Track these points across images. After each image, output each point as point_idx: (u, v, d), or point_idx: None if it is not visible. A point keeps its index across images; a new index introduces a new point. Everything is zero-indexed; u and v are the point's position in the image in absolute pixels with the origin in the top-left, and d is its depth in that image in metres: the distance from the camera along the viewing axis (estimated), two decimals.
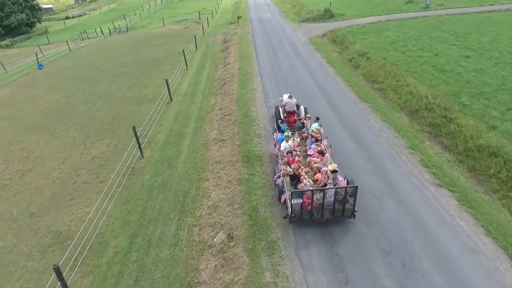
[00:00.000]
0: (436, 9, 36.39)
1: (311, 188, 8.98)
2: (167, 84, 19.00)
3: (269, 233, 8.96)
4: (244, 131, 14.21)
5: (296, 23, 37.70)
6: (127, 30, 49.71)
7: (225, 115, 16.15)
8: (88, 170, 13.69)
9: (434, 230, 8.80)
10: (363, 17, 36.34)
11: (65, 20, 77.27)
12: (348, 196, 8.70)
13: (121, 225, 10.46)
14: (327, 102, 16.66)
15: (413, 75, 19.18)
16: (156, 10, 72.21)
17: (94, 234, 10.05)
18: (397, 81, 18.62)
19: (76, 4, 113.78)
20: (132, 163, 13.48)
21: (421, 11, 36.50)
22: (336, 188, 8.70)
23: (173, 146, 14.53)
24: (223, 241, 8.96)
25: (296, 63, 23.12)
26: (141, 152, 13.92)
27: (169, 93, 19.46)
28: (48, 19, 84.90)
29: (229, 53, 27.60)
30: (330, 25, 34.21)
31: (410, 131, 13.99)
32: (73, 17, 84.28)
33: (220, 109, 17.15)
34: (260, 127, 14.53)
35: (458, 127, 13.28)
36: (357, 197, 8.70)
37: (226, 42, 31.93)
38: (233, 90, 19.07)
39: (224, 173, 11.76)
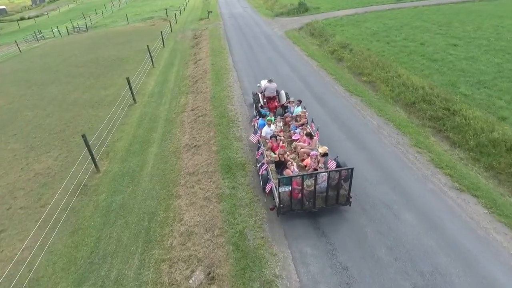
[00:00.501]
0: (412, 1, 35.67)
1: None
2: (129, 83, 16.38)
3: (263, 269, 6.78)
4: (221, 134, 11.95)
5: (270, 18, 35.79)
6: (87, 29, 45.89)
7: (198, 116, 13.82)
8: (27, 191, 10.94)
9: (469, 250, 6.97)
10: (339, 9, 35.01)
11: (20, 22, 71.43)
12: (342, 181, 7.72)
13: (65, 265, 7.93)
14: (314, 97, 14.72)
15: (403, 65, 17.68)
16: (120, 8, 68.14)
17: (26, 281, 7.47)
18: (386, 72, 17.03)
19: (34, 5, 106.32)
20: (84, 179, 10.89)
21: (396, 3, 35.62)
22: (329, 171, 7.67)
23: (137, 156, 12.03)
24: (201, 283, 6.69)
25: (274, 57, 21.10)
26: (96, 165, 11.33)
27: (132, 93, 16.84)
28: (0, 20, 78.24)
29: (200, 48, 25.19)
30: (305, 19, 32.55)
31: (411, 127, 12.29)
32: (29, 18, 78.08)
33: (192, 110, 14.79)
34: (240, 128, 12.33)
35: (465, 119, 11.71)
36: (352, 181, 7.63)
37: (196, 38, 29.44)
38: (206, 87, 16.74)
39: (200, 188, 9.47)
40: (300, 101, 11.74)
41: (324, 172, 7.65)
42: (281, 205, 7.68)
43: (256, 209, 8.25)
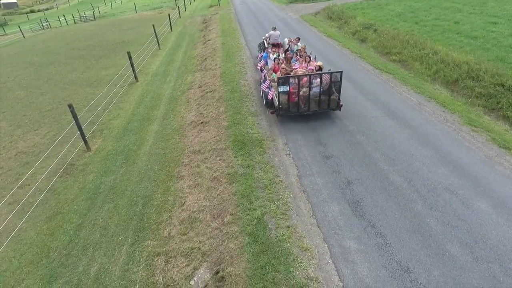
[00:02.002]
0: None
1: (297, 69, 9.31)
2: (130, 58, 14.71)
3: (291, 268, 4.95)
4: (233, 109, 10.14)
5: (284, 4, 33.88)
6: (95, 18, 44.66)
7: (206, 93, 12.05)
8: (5, 171, 9.32)
9: None
10: None
11: (30, 14, 70.90)
12: (333, 88, 8.78)
13: (35, 256, 6.24)
14: None
15: (437, 43, 15.64)
16: (129, 0, 67.02)
17: None
18: (419, 50, 15.03)
19: None
20: (71, 158, 9.23)
21: None
22: (322, 73, 8.59)
23: (134, 134, 10.33)
24: (206, 285, 4.92)
25: (292, 36, 19.21)
26: (86, 142, 9.65)
27: (133, 70, 15.17)
28: (10, 13, 77.91)
29: (209, 30, 23.45)
30: (321, 4, 30.59)
31: (457, 104, 10.33)
32: (38, 11, 77.63)
33: (200, 87, 13.03)
34: (255, 103, 10.49)
35: None
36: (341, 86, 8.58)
37: (205, 22, 27.74)
38: (216, 64, 14.97)
39: (207, 167, 7.69)
40: (299, 39, 12.74)
41: (317, 73, 8.55)
42: (280, 106, 8.71)
43: (278, 192, 6.42)
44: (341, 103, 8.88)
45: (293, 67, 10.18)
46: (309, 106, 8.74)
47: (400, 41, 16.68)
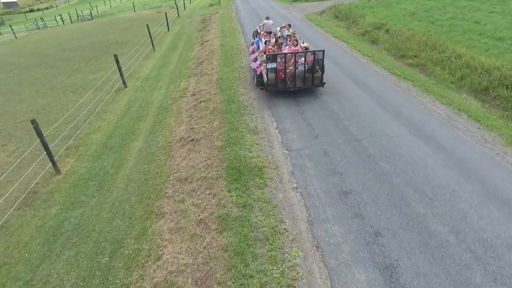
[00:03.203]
0: None
1: (279, 50, 10.12)
2: (117, 62, 13.21)
3: None
4: (229, 124, 8.60)
5: (287, 3, 32.31)
6: (92, 17, 43.28)
7: (200, 102, 10.53)
8: None
9: None
10: None
11: (28, 13, 69.71)
12: (317, 66, 9.56)
13: None
14: (352, 80, 11.28)
15: (459, 45, 14.04)
16: None
17: None
18: (439, 53, 13.46)
19: None
20: (36, 184, 7.75)
21: None
22: (306, 51, 9.43)
23: (114, 152, 8.83)
24: None
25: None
26: (54, 164, 8.15)
27: (121, 75, 13.68)
28: (9, 12, 76.73)
29: (208, 30, 21.93)
30: (327, 3, 28.96)
31: (493, 118, 8.74)
32: (38, 10, 76.44)
33: (193, 94, 11.51)
34: (256, 117, 8.95)
35: None
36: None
37: (204, 22, 26.23)
38: (213, 69, 13.45)
39: (193, 203, 6.16)
40: (289, 25, 13.28)
41: (301, 52, 9.43)
42: (269, 82, 9.47)
43: (282, 247, 4.87)
44: (324, 81, 9.81)
45: (283, 51, 10.46)
46: (295, 82, 9.57)
47: (416, 42, 15.11)
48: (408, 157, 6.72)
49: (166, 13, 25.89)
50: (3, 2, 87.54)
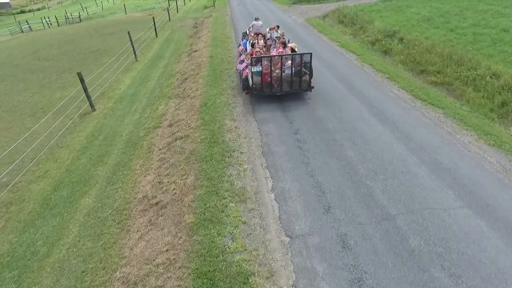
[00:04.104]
0: None
1: (267, 53, 9.84)
2: (82, 81, 10.94)
3: None
4: (208, 181, 6.30)
5: (287, 5, 30.07)
6: (80, 20, 40.99)
7: (176, 139, 8.26)
8: None
9: None
10: None
11: (20, 15, 67.29)
12: (303, 69, 9.10)
13: None
14: (366, 107, 9.04)
15: (491, 59, 11.80)
16: (122, 0, 63.32)
17: None
18: (469, 70, 11.24)
19: None
20: None
21: None
22: (292, 54, 9.08)
23: (55, 216, 6.56)
24: None
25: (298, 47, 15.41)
26: None
27: (88, 98, 11.41)
28: (1, 13, 74.20)
29: (198, 38, 19.67)
30: (329, 6, 26.78)
31: None
32: (30, 11, 73.97)
33: (170, 125, 9.25)
34: (245, 170, 6.60)
35: None
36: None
37: (196, 27, 23.96)
38: (197, 89, 11.18)
39: None
40: (278, 26, 12.71)
41: (287, 54, 9.17)
42: (254, 86, 9.11)
43: None
44: (312, 85, 9.35)
45: (271, 53, 10.03)
46: (281, 86, 9.14)
47: (438, 55, 12.87)
48: (471, 254, 4.45)
49: (154, 18, 23.58)
50: None
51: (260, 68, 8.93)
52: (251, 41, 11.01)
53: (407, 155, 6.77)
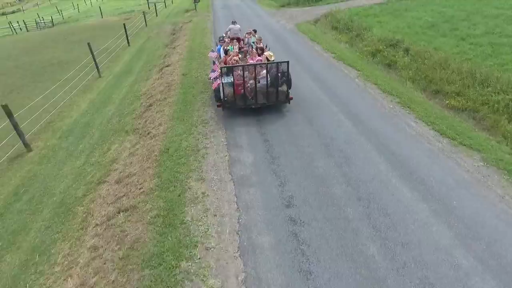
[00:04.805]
0: None
1: (244, 59, 9.16)
2: (9, 117, 8.40)
3: None
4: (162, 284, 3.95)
5: (274, 8, 27.86)
6: (53, 24, 37.99)
7: (120, 211, 5.83)
8: None
9: None
10: None
11: None
12: (279, 77, 8.35)
13: None
14: (382, 155, 6.77)
15: None
16: (103, 2, 60.15)
17: None
18: (498, 93, 9.16)
19: (17, 1, 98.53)
20: None
21: None
22: (268, 63, 8.43)
23: None
24: None
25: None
26: None
27: (20, 137, 8.86)
28: None
29: (174, 48, 17.21)
30: (320, 9, 24.67)
31: None
32: (3, 14, 69.86)
33: (118, 182, 6.82)
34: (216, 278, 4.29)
35: None
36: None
37: (174, 33, 21.47)
38: (160, 124, 8.74)
39: None
40: (255, 31, 12.10)
41: (262, 63, 8.44)
42: (225, 98, 8.26)
43: None
44: (290, 96, 8.62)
45: (248, 61, 9.24)
46: (256, 98, 8.44)
47: (454, 71, 10.80)
48: None
49: (124, 24, 20.98)
50: None
51: (232, 79, 8.13)
52: (225, 48, 10.14)
53: (447, 236, 4.52)
